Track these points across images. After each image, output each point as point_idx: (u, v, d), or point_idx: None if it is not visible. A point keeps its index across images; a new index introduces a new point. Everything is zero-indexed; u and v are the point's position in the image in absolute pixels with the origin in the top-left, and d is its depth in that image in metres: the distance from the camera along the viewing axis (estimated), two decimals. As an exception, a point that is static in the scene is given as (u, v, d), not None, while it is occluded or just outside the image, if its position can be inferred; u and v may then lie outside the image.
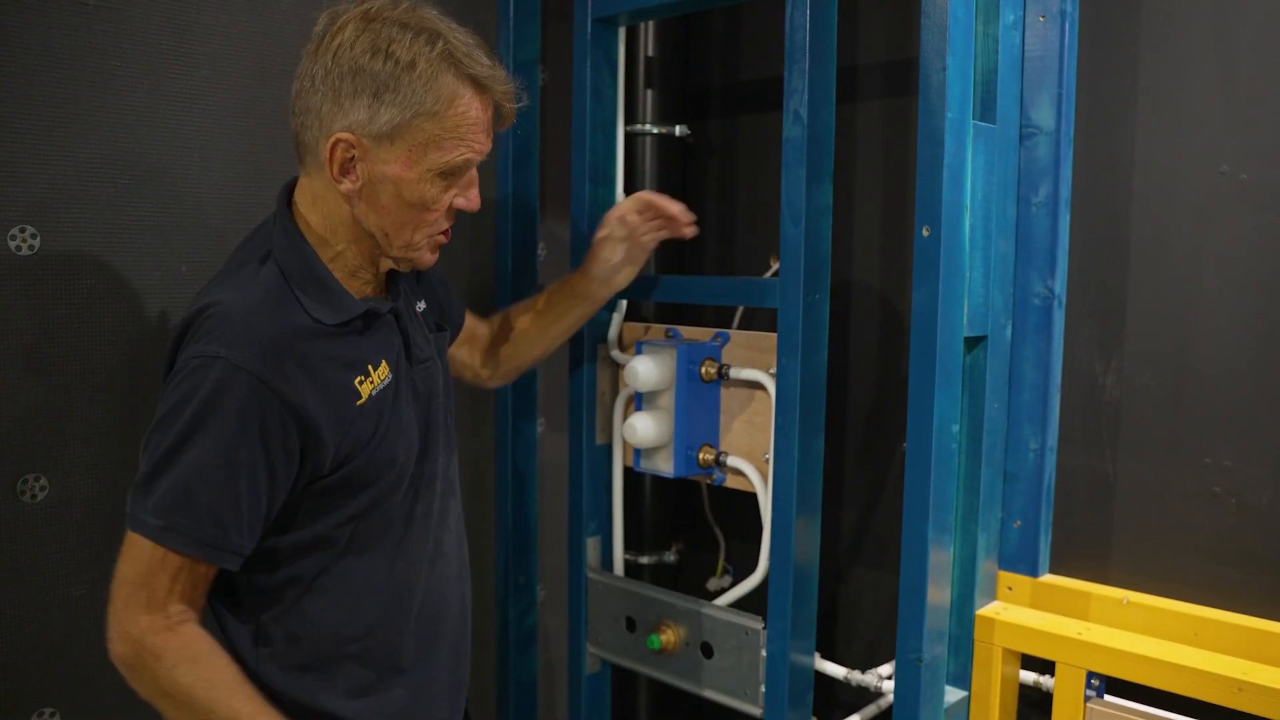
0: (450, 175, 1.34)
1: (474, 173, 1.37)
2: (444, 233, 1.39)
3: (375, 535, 1.38)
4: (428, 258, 1.40)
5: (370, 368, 1.34)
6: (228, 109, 1.67)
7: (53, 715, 1.55)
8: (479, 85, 1.32)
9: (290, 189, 1.39)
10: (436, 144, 1.30)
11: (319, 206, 1.35)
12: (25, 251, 1.48)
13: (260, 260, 1.34)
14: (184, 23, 1.61)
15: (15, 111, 1.46)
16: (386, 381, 1.36)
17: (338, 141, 1.28)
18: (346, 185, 1.31)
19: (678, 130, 2.11)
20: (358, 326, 1.35)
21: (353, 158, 1.30)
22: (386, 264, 1.41)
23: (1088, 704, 1.53)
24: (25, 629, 1.52)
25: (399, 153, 1.30)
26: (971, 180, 1.50)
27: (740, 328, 1.87)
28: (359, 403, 1.32)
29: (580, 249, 1.88)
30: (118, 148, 1.56)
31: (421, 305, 1.51)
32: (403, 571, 1.41)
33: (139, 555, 1.23)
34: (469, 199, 1.37)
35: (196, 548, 1.23)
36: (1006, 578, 1.69)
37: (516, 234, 2.00)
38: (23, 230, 1.48)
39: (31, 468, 1.51)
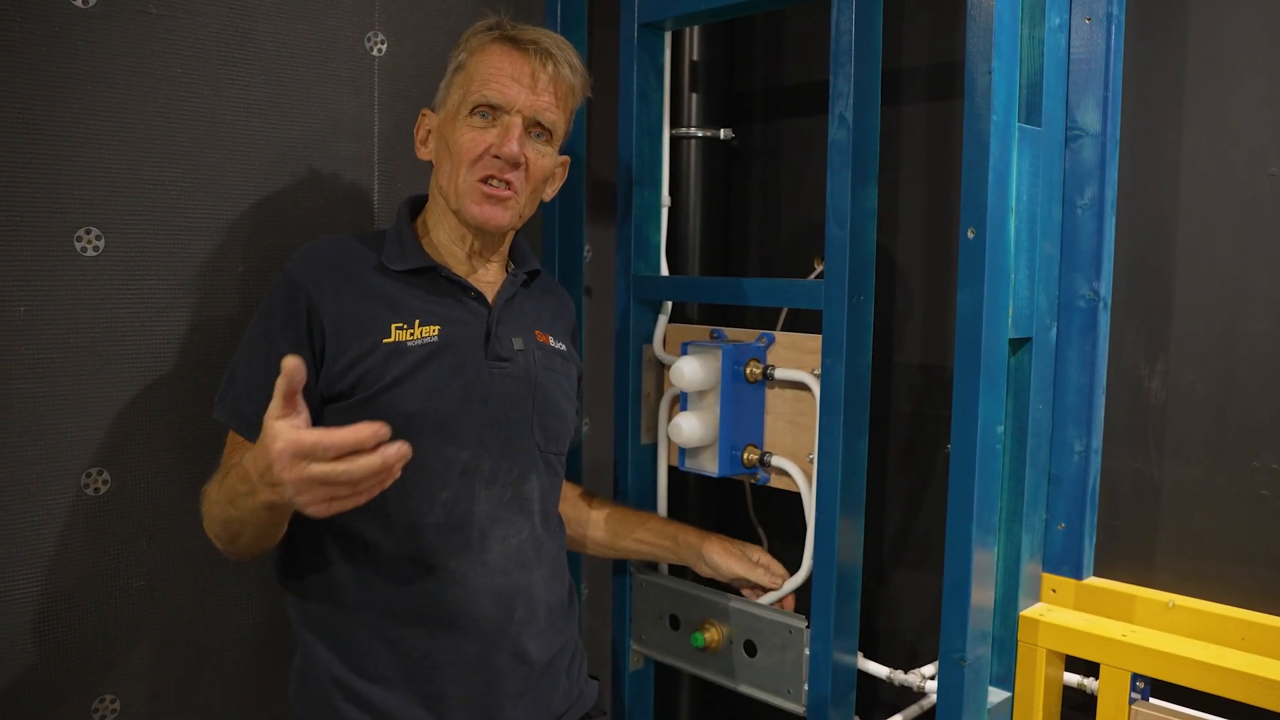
0: (483, 118, 1.48)
1: (515, 123, 1.47)
2: (486, 180, 1.48)
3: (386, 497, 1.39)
4: (472, 207, 1.49)
5: (416, 321, 1.46)
6: (284, 114, 1.71)
7: (113, 702, 1.59)
8: (510, 41, 1.50)
9: (408, 202, 1.60)
10: (464, 89, 1.50)
11: (430, 193, 1.57)
12: (90, 252, 1.53)
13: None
14: (242, 30, 1.65)
15: (81, 116, 1.51)
16: (428, 341, 1.46)
17: (420, 117, 1.57)
18: (423, 152, 1.57)
19: (722, 133, 2.13)
20: (425, 285, 1.50)
21: (429, 129, 1.56)
22: (471, 237, 1.53)
23: (1132, 706, 1.53)
24: (87, 618, 1.57)
25: (447, 109, 1.52)
26: (1016, 182, 1.50)
27: (784, 329, 1.88)
28: (385, 339, 1.44)
29: (626, 251, 1.91)
30: (178, 152, 1.61)
31: (559, 346, 1.62)
32: (408, 552, 1.43)
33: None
34: (504, 145, 1.47)
35: (233, 419, 1.44)
36: (1050, 580, 1.69)
37: (563, 235, 2.03)
38: (88, 231, 1.53)
39: (94, 462, 1.56)
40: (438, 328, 1.46)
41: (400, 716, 1.43)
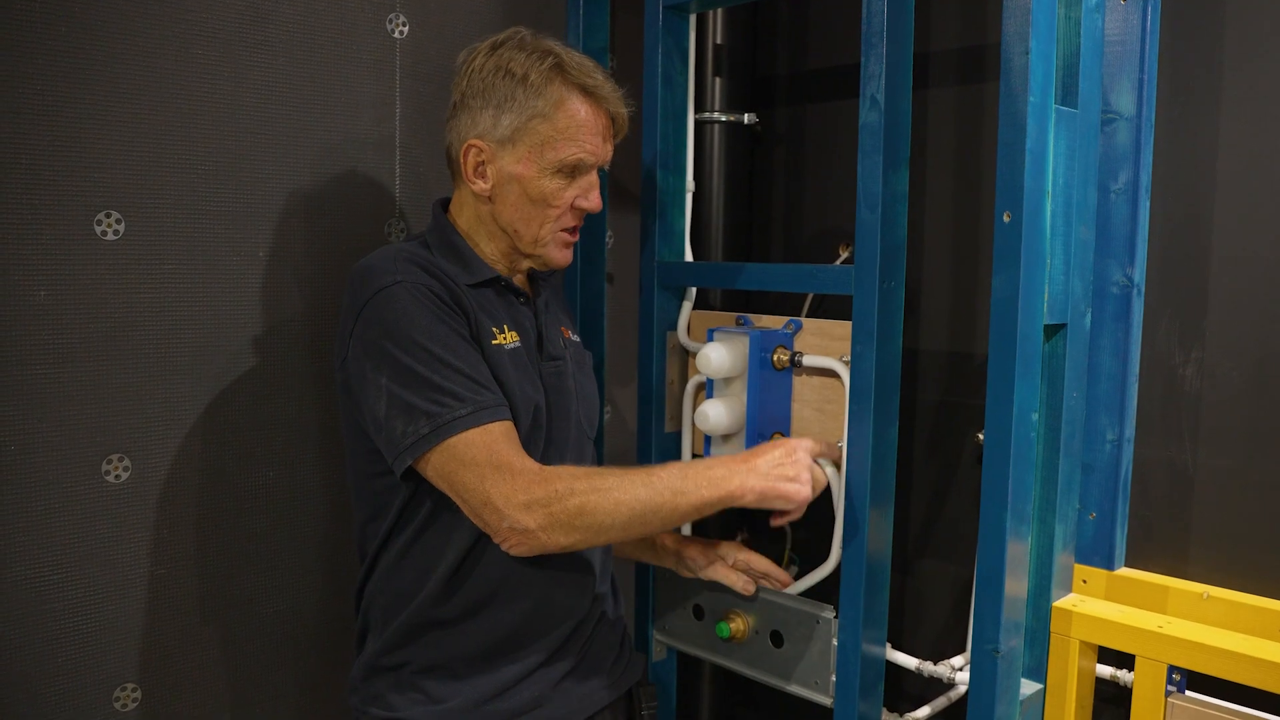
0: (568, 174, 1.51)
1: (594, 176, 1.55)
2: (570, 230, 1.56)
3: None
4: (556, 254, 1.56)
5: (505, 326, 1.50)
6: (305, 97, 1.69)
7: (134, 690, 1.58)
8: (586, 92, 1.51)
9: (443, 202, 1.60)
10: (550, 144, 1.49)
11: (464, 211, 1.56)
12: (111, 236, 1.51)
13: (406, 240, 1.62)
14: (263, 11, 1.63)
15: (101, 99, 1.49)
16: (515, 345, 1.49)
17: (469, 147, 1.51)
18: (479, 185, 1.52)
19: (746, 118, 2.10)
20: (490, 293, 1.52)
21: (483, 161, 1.51)
22: (525, 263, 1.58)
23: (1168, 699, 1.51)
24: (109, 606, 1.55)
25: (520, 154, 1.49)
26: (1053, 165, 1.47)
27: (808, 316, 1.86)
28: (493, 341, 1.47)
29: (650, 237, 1.88)
30: (199, 135, 1.59)
31: (576, 338, 1.68)
32: (487, 551, 1.45)
33: (466, 453, 1.35)
34: (589, 199, 1.54)
35: (486, 414, 1.36)
36: (1081, 570, 1.67)
37: (585, 221, 1.99)
38: (108, 215, 1.51)
39: (115, 448, 1.54)
40: (517, 334, 1.51)
41: (479, 677, 1.46)
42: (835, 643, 1.63)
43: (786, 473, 1.47)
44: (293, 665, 1.75)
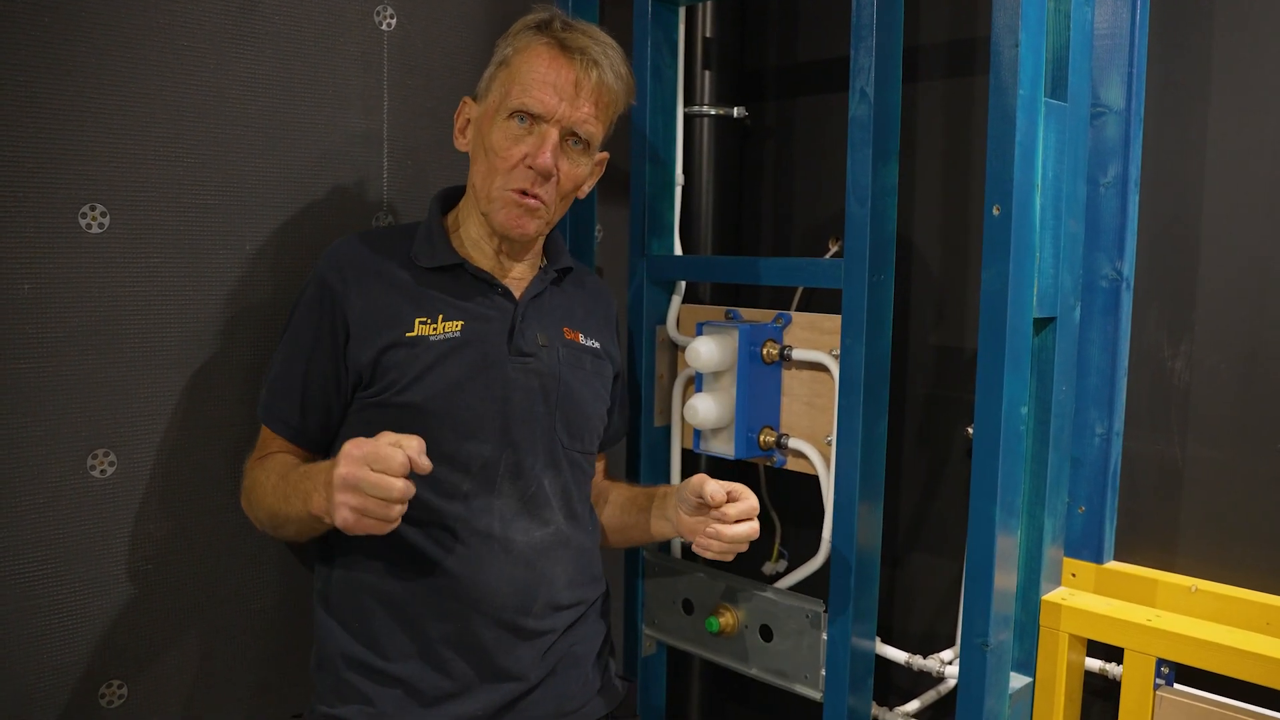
0: (520, 124, 1.45)
1: (550, 135, 1.45)
2: (520, 193, 1.46)
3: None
4: (503, 215, 1.47)
5: (440, 316, 1.47)
6: (291, 90, 1.68)
7: (120, 687, 1.57)
8: (558, 46, 1.46)
9: (445, 191, 1.60)
10: (505, 89, 1.47)
11: (467, 194, 1.55)
12: (95, 230, 1.50)
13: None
14: (250, 3, 1.62)
15: (85, 91, 1.47)
16: (450, 336, 1.46)
17: (461, 105, 1.55)
18: (462, 142, 1.55)
19: (735, 112, 2.10)
20: (452, 281, 1.51)
21: (468, 119, 1.54)
22: (498, 240, 1.52)
23: (1157, 692, 1.51)
24: (94, 602, 1.54)
25: (487, 102, 1.50)
26: (1042, 158, 1.47)
27: (798, 309, 1.85)
28: (408, 333, 1.45)
29: (640, 230, 1.88)
30: (184, 127, 1.57)
31: (591, 344, 1.60)
32: (433, 542, 1.44)
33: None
34: (536, 155, 1.45)
35: (270, 418, 1.51)
36: (1070, 564, 1.67)
37: (574, 215, 1.99)
38: (93, 208, 1.50)
39: (101, 443, 1.53)
40: (461, 323, 1.47)
41: (410, 683, 1.43)
42: (825, 637, 1.63)
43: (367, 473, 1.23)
44: (279, 660, 1.74)
